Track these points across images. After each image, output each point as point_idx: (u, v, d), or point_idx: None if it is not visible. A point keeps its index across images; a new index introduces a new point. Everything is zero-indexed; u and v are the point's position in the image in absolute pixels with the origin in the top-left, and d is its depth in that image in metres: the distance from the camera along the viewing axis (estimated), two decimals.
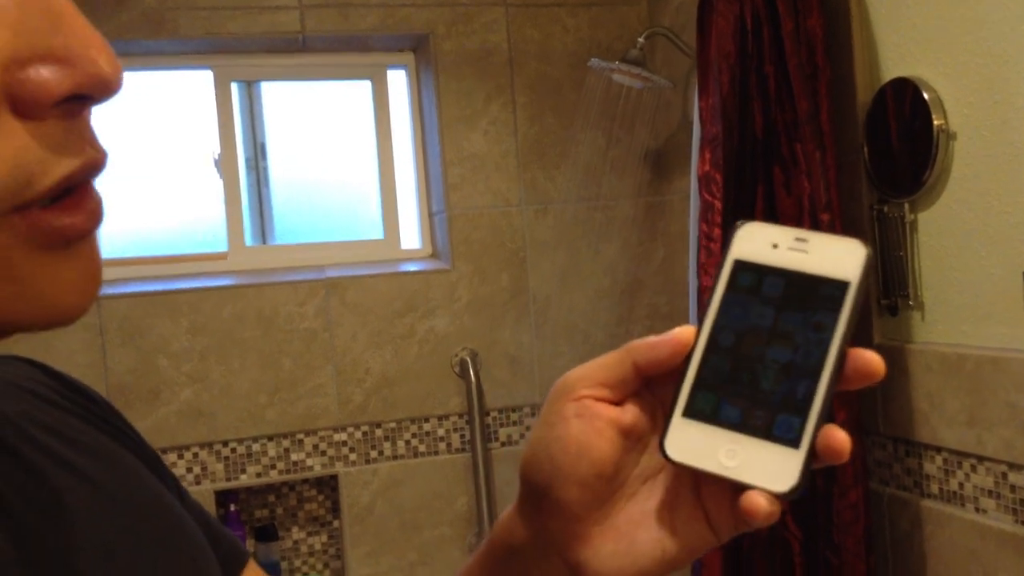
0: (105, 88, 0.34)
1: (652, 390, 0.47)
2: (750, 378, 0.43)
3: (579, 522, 0.46)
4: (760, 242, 0.45)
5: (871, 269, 0.42)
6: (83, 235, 0.35)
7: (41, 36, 0.32)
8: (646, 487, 0.47)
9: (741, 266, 0.45)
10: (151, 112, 2.37)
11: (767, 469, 0.41)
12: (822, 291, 0.42)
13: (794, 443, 0.41)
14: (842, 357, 0.42)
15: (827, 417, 0.41)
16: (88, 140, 0.35)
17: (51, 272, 0.34)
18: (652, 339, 0.46)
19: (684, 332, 0.45)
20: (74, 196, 0.35)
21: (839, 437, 0.41)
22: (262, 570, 0.63)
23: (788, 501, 0.41)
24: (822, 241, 0.43)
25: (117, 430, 0.55)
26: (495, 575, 0.52)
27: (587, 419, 0.45)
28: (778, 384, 0.42)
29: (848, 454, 0.41)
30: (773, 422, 0.42)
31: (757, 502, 0.41)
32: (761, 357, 0.43)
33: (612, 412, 0.46)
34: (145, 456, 0.55)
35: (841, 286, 0.42)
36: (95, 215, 0.36)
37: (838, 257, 0.43)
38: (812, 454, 0.41)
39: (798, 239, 0.44)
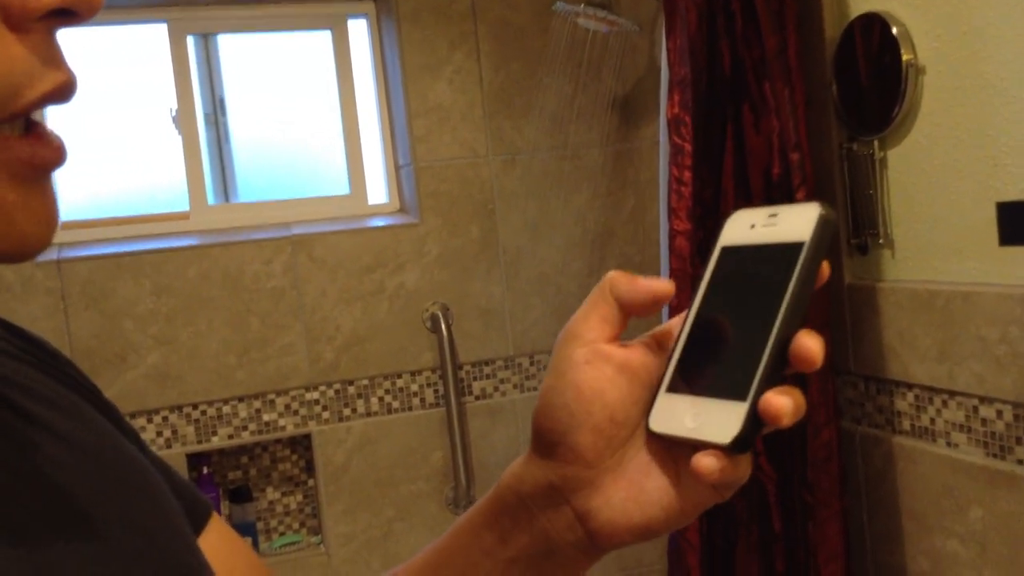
0: (88, 5, 0.35)
1: (661, 347, 0.48)
2: (718, 347, 0.45)
3: (591, 468, 0.47)
4: (742, 226, 0.47)
5: (829, 226, 0.43)
6: (54, 167, 0.37)
7: None
8: (653, 439, 0.47)
9: (725, 251, 0.47)
10: (105, 69, 2.30)
11: (719, 425, 0.43)
12: (781, 256, 0.44)
13: (742, 397, 0.42)
14: (797, 310, 0.43)
15: (777, 368, 0.42)
16: (63, 60, 0.37)
17: (22, 202, 0.36)
18: (634, 279, 0.47)
19: (663, 288, 0.47)
20: (39, 130, 0.36)
21: (776, 402, 0.41)
22: (224, 522, 0.62)
23: (739, 452, 0.42)
24: (787, 211, 0.45)
25: (76, 383, 0.53)
26: (501, 525, 0.51)
27: (597, 364, 0.46)
28: (737, 346, 0.44)
29: (787, 418, 0.41)
30: (727, 381, 0.44)
31: (701, 462, 0.42)
32: (730, 327, 0.46)
33: (620, 355, 0.47)
34: (104, 408, 0.54)
35: (797, 247, 0.43)
36: (62, 149, 0.37)
37: (799, 222, 0.44)
38: (757, 405, 0.42)
39: (770, 215, 0.46)
